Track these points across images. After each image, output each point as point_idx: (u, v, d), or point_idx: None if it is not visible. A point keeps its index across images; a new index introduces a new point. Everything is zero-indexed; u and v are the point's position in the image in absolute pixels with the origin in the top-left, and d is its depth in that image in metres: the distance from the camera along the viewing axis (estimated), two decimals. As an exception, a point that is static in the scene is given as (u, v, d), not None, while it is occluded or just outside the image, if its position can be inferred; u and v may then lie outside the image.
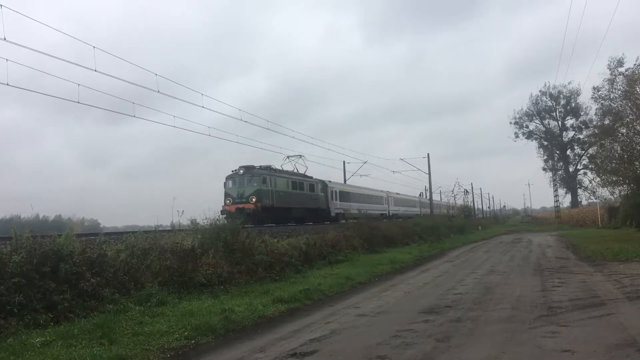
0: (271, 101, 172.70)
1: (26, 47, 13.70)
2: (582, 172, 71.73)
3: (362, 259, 18.19)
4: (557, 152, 77.20)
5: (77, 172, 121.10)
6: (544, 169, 77.23)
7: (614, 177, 28.36)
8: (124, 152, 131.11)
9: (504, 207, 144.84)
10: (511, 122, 78.32)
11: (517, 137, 77.99)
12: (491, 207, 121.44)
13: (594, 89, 30.66)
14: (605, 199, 42.05)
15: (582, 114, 70.08)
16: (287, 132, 41.01)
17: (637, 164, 25.17)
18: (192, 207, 26.58)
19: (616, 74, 28.31)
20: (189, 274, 10.53)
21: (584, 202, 69.28)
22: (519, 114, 77.85)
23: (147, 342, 6.71)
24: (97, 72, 15.38)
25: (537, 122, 78.29)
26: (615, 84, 27.52)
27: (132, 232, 12.27)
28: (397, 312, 8.77)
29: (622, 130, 26.23)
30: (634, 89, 24.72)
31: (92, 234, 13.94)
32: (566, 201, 78.67)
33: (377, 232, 23.33)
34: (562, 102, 75.55)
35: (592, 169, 45.21)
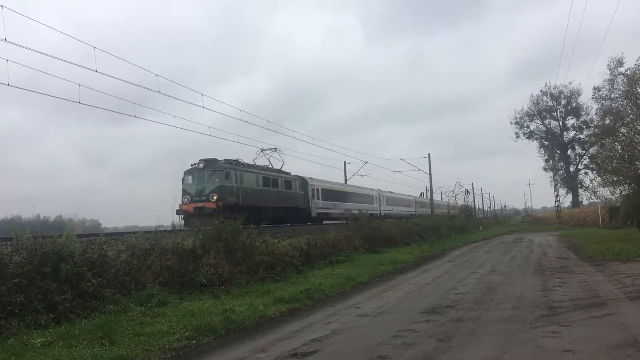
0: (272, 101, 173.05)
1: (27, 48, 13.74)
2: (583, 172, 71.70)
3: (363, 259, 18.18)
4: (558, 152, 77.15)
5: (78, 173, 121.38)
6: (545, 169, 77.36)
7: (615, 177, 28.37)
8: (125, 152, 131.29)
9: (505, 207, 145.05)
10: (512, 122, 78.38)
11: (518, 137, 78.05)
12: (492, 207, 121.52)
13: (595, 89, 30.83)
14: (606, 199, 42.05)
15: (582, 113, 70.05)
16: (287, 133, 41.02)
17: (637, 163, 25.14)
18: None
19: (616, 74, 28.39)
20: (189, 275, 10.53)
21: (585, 202, 69.43)
22: (519, 114, 77.92)
23: (148, 342, 6.71)
24: (98, 72, 15.42)
25: (538, 122, 78.31)
26: (615, 84, 27.59)
27: (133, 233, 12.27)
28: (398, 312, 8.76)
29: (623, 130, 26.24)
30: (635, 89, 24.71)
31: (92, 235, 13.94)
32: (567, 201, 78.81)
33: (377, 232, 23.32)
34: (563, 102, 75.56)
35: (592, 169, 45.34)
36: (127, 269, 9.67)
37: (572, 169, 76.26)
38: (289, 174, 30.50)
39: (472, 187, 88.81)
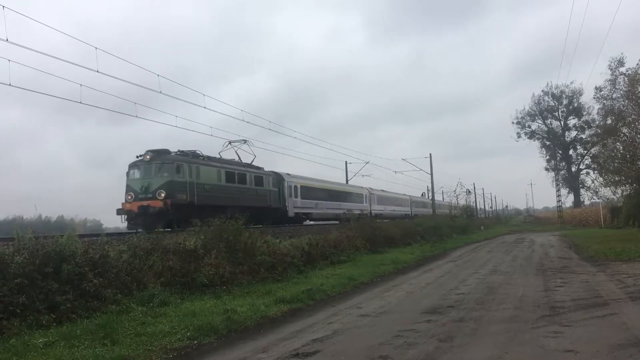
0: (274, 101, 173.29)
1: (28, 48, 13.77)
2: (584, 172, 71.63)
3: (365, 259, 18.17)
4: (560, 152, 77.05)
5: (79, 173, 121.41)
6: (547, 169, 77.22)
7: (617, 177, 28.34)
8: (126, 152, 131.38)
9: (507, 207, 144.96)
10: (513, 122, 78.26)
11: (520, 137, 77.94)
12: (493, 207, 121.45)
13: (596, 88, 30.82)
14: (607, 199, 41.96)
15: (584, 113, 69.92)
16: (289, 133, 41.07)
17: (639, 163, 25.11)
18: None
19: (617, 74, 28.40)
20: (191, 275, 10.53)
21: (587, 202, 69.26)
22: (521, 113, 77.82)
23: (149, 342, 6.72)
24: (99, 72, 15.44)
25: (540, 122, 78.19)
26: (616, 84, 27.58)
27: (135, 233, 12.27)
28: (399, 312, 8.76)
29: (625, 130, 26.22)
30: (636, 89, 24.69)
31: (94, 235, 13.94)
32: (569, 201, 78.59)
33: (379, 233, 23.32)
34: (565, 101, 75.45)
35: (594, 169, 45.25)
36: (128, 269, 9.68)
37: (573, 169, 76.19)
38: (261, 168, 27.42)
39: (474, 187, 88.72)
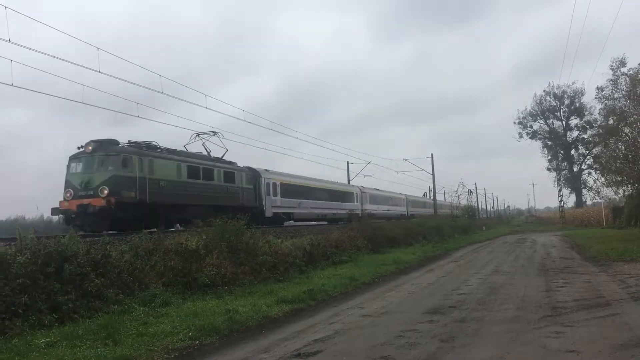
0: (277, 102, 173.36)
1: (30, 49, 13.80)
2: (586, 172, 71.47)
3: (366, 259, 18.17)
4: (561, 152, 76.89)
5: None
6: (548, 169, 77.00)
7: (619, 177, 28.25)
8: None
9: (508, 207, 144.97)
10: (515, 122, 78.04)
11: (521, 137, 77.73)
12: (495, 207, 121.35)
13: (598, 88, 30.70)
14: (609, 199, 41.82)
15: (586, 113, 69.70)
16: (291, 133, 41.08)
17: (641, 163, 25.06)
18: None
19: (619, 74, 28.36)
20: (193, 275, 10.55)
21: (589, 202, 69.22)
22: (523, 114, 77.60)
23: (151, 342, 6.72)
24: (102, 73, 15.46)
25: (541, 122, 77.97)
26: (618, 84, 27.53)
27: (136, 233, 12.28)
28: (401, 313, 8.75)
29: (626, 130, 26.15)
30: (638, 89, 24.65)
31: (96, 235, 13.96)
32: (570, 201, 78.42)
33: (380, 233, 23.32)
34: (566, 102, 75.25)
35: (596, 169, 45.22)
36: (130, 269, 9.69)
37: (575, 169, 76.03)
38: (233, 163, 24.78)
39: (476, 187, 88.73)
